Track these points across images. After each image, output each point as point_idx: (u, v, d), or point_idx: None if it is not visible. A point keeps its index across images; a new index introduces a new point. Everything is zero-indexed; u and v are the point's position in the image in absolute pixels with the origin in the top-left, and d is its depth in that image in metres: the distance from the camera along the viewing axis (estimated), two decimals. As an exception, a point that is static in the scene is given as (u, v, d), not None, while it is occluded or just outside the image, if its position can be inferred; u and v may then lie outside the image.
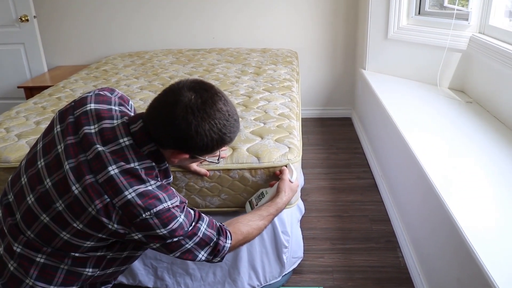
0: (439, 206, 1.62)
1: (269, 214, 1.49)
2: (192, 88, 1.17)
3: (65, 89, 2.83)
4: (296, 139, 1.88)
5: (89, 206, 1.14)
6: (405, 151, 2.10)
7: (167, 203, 1.17)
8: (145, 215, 1.14)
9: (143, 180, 1.17)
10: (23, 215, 1.21)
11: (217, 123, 1.17)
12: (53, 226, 1.18)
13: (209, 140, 1.18)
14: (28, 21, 3.88)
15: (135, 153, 1.19)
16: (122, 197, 1.13)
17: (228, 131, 1.20)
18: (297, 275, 2.10)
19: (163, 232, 1.17)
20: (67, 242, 1.18)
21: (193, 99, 1.14)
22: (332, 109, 4.20)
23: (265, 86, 2.64)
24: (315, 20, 3.87)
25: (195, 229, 1.25)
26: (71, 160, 1.18)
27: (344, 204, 2.68)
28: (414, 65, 3.04)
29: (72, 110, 1.29)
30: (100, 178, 1.14)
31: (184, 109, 1.13)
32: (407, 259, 2.13)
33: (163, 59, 3.54)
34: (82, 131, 1.21)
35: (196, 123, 1.14)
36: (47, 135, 1.29)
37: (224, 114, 1.18)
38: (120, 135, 1.20)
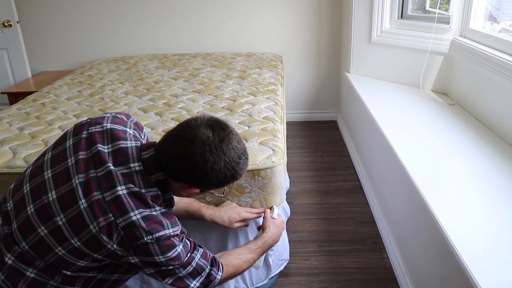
0: (422, 207, 1.64)
1: (257, 248, 1.55)
2: (210, 126, 1.19)
3: (49, 94, 2.81)
4: (280, 142, 1.89)
5: (91, 224, 1.13)
6: (389, 154, 2.12)
7: (169, 230, 1.18)
8: (146, 239, 1.14)
9: (149, 205, 1.18)
10: (20, 225, 1.19)
11: (231, 161, 1.19)
12: (50, 240, 1.16)
13: (223, 177, 1.20)
14: (11, 26, 3.84)
15: (143, 179, 1.20)
16: (127, 217, 1.13)
17: (240, 169, 1.23)
18: (284, 278, 2.10)
19: (160, 259, 1.18)
20: (61, 258, 1.17)
21: (211, 136, 1.17)
22: (318, 112, 4.22)
23: (250, 90, 2.66)
24: (300, 24, 3.90)
25: (190, 259, 1.26)
26: (81, 175, 1.18)
27: (330, 206, 2.69)
28: (398, 68, 3.07)
29: (88, 126, 1.29)
30: (108, 196, 1.15)
31: (202, 146, 1.15)
32: (392, 260, 2.15)
33: (148, 64, 3.54)
34: (95, 148, 1.22)
35: (213, 160, 1.16)
36: (57, 147, 1.29)
37: (238, 152, 1.21)
38: (132, 159, 1.21)
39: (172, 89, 2.76)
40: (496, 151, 1.95)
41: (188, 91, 2.69)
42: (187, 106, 2.39)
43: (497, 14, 2.47)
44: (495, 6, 2.49)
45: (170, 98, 2.57)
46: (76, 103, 2.58)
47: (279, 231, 1.69)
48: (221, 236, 1.85)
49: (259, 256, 1.57)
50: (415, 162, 1.90)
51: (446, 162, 1.91)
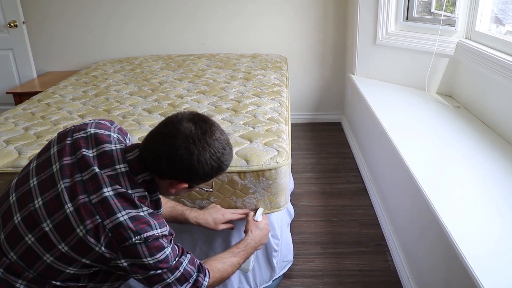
0: (427, 210, 1.63)
1: (239, 250, 1.56)
2: (191, 120, 1.21)
3: (54, 94, 2.82)
4: (285, 143, 1.88)
5: (77, 227, 1.13)
6: (394, 156, 2.11)
7: (157, 230, 1.18)
8: (134, 239, 1.13)
9: (136, 205, 1.18)
10: (7, 235, 1.19)
11: (216, 152, 1.21)
12: (37, 248, 1.15)
13: (209, 169, 1.21)
14: (17, 27, 3.87)
15: (129, 180, 1.21)
16: (114, 218, 1.13)
17: (225, 159, 1.25)
18: (288, 279, 2.10)
19: (149, 261, 1.17)
20: (50, 266, 1.16)
21: (193, 129, 1.19)
22: (322, 114, 4.22)
23: (255, 91, 2.66)
24: (305, 26, 3.90)
25: (178, 263, 1.26)
26: (67, 180, 1.18)
27: (334, 208, 2.69)
28: (403, 70, 3.06)
29: (71, 133, 1.30)
30: (94, 198, 1.15)
31: (186, 140, 1.17)
32: (397, 263, 2.14)
33: (153, 64, 3.54)
34: (80, 153, 1.22)
35: (198, 152, 1.18)
36: (41, 156, 1.29)
37: (221, 143, 1.23)
38: (117, 161, 1.22)
39: (176, 90, 2.77)
40: (501, 153, 1.94)
41: (192, 92, 2.70)
42: (192, 107, 2.40)
43: (503, 16, 2.46)
44: (501, 8, 2.48)
45: (175, 99, 2.58)
46: (81, 104, 2.58)
47: (262, 233, 1.68)
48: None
49: (243, 259, 1.57)
50: (420, 165, 1.89)
51: (451, 165, 1.90)
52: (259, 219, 1.71)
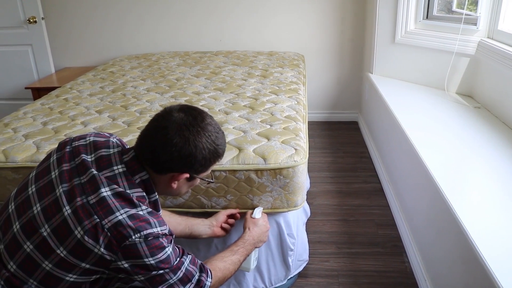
0: (446, 211, 1.60)
1: (238, 248, 1.56)
2: (180, 110, 1.23)
3: (72, 90, 2.83)
4: (303, 141, 1.87)
5: (75, 229, 1.12)
6: (412, 156, 2.09)
7: (157, 228, 1.17)
8: (134, 237, 1.12)
9: (135, 204, 1.17)
10: (7, 245, 1.18)
11: (210, 135, 1.22)
12: (36, 255, 1.15)
13: (207, 153, 1.22)
14: (36, 23, 3.90)
15: (127, 180, 1.21)
16: (113, 218, 1.12)
17: (220, 143, 1.26)
18: (303, 279, 2.09)
19: (150, 261, 1.16)
20: (49, 274, 1.15)
21: (184, 117, 1.21)
22: (339, 112, 4.19)
23: (272, 88, 2.64)
24: (322, 24, 3.87)
25: (180, 263, 1.25)
26: (65, 184, 1.18)
27: (350, 208, 2.67)
28: (422, 69, 3.02)
29: (71, 142, 1.31)
30: (92, 199, 1.14)
31: (179, 127, 1.18)
32: (413, 264, 2.11)
33: (170, 61, 3.55)
34: (79, 158, 1.23)
35: (193, 137, 1.19)
36: (41, 165, 1.30)
37: (214, 127, 1.25)
38: (115, 163, 1.22)
39: (193, 87, 2.76)
40: (523, 155, 1.91)
41: (210, 89, 2.69)
42: (208, 104, 2.39)
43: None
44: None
45: (192, 95, 2.57)
46: (99, 99, 2.60)
47: (260, 230, 1.67)
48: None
49: (243, 256, 1.57)
50: (439, 165, 1.87)
51: (471, 166, 1.87)
52: (256, 217, 1.70)
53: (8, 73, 4.12)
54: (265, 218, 1.73)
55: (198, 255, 1.85)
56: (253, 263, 1.74)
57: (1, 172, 1.81)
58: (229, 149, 1.78)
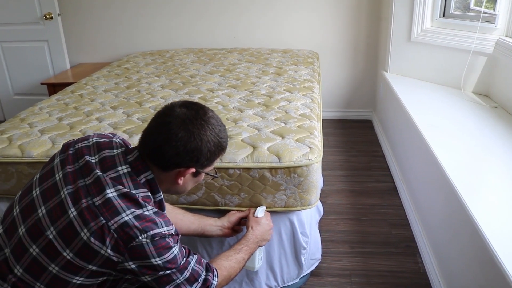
0: (461, 211, 1.59)
1: (242, 246, 1.56)
2: (182, 105, 1.23)
3: (87, 86, 2.85)
4: (317, 140, 1.86)
5: (81, 231, 1.11)
6: (427, 155, 2.07)
7: (163, 228, 1.16)
8: (141, 238, 1.12)
9: (141, 205, 1.17)
10: (13, 249, 1.18)
11: (214, 128, 1.23)
12: (42, 259, 1.14)
13: (212, 146, 1.22)
14: (52, 19, 3.93)
15: (132, 181, 1.20)
16: (119, 219, 1.12)
17: (223, 136, 1.27)
18: (315, 277, 2.08)
19: (157, 262, 1.16)
20: (56, 277, 1.15)
21: (186, 112, 1.21)
22: (353, 111, 4.16)
23: (286, 86, 2.63)
24: (337, 21, 3.85)
25: (186, 263, 1.25)
26: (70, 186, 1.18)
27: (363, 207, 2.65)
28: (438, 68, 2.99)
29: (74, 143, 1.31)
30: (98, 200, 1.14)
31: (182, 122, 1.18)
32: (427, 265, 2.09)
33: (184, 58, 3.56)
34: (83, 160, 1.22)
35: (197, 131, 1.19)
36: (45, 167, 1.29)
37: (216, 121, 1.25)
38: (119, 163, 1.22)
39: (208, 84, 2.77)
40: (542, 156, 1.88)
41: (224, 86, 2.69)
42: (223, 101, 2.39)
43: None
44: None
45: (206, 92, 2.58)
46: (113, 95, 2.61)
47: (263, 229, 1.67)
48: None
49: (247, 254, 1.56)
50: (454, 165, 1.84)
51: (487, 166, 1.85)
52: (259, 216, 1.70)
53: (25, 68, 4.17)
54: (268, 217, 1.73)
55: (211, 252, 1.86)
56: (258, 263, 1.73)
57: (17, 166, 1.83)
58: (243, 146, 1.78)
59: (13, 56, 4.14)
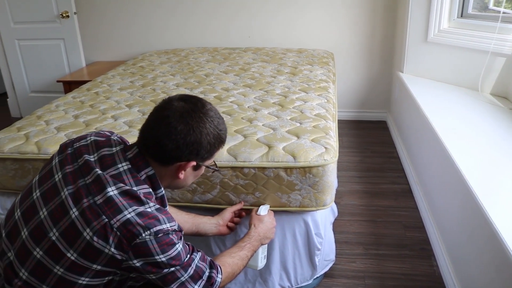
0: (478, 214, 1.57)
1: (245, 244, 1.56)
2: (180, 99, 1.23)
3: (102, 84, 2.87)
4: (333, 140, 1.85)
5: (84, 231, 1.11)
6: (444, 157, 2.04)
7: (166, 224, 1.16)
8: (144, 235, 1.11)
9: (143, 202, 1.16)
10: (17, 252, 1.18)
11: (213, 121, 1.23)
12: (47, 261, 1.14)
13: (211, 138, 1.22)
14: (68, 17, 3.96)
15: (133, 177, 1.20)
16: (121, 217, 1.11)
17: (222, 128, 1.27)
18: (329, 279, 2.07)
19: (161, 259, 1.15)
20: (61, 278, 1.14)
21: (185, 105, 1.21)
22: (367, 111, 4.14)
23: (301, 86, 2.62)
24: (352, 21, 3.82)
25: (190, 260, 1.24)
26: (70, 186, 1.17)
27: (378, 209, 2.63)
28: (455, 69, 2.96)
29: (72, 143, 1.30)
30: (99, 199, 1.13)
31: (181, 115, 1.18)
32: (442, 268, 2.07)
33: (199, 57, 3.56)
34: (82, 159, 1.22)
35: (196, 124, 1.19)
36: (44, 169, 1.29)
37: (215, 113, 1.25)
38: (119, 160, 1.22)
39: (223, 83, 2.77)
40: (562, 160, 1.84)
41: (239, 85, 2.69)
42: (238, 100, 2.39)
43: None
44: None
45: (221, 91, 2.57)
46: (129, 94, 2.62)
47: (265, 227, 1.66)
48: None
49: (251, 252, 1.56)
50: (472, 167, 1.82)
51: (505, 169, 1.82)
52: (262, 214, 1.70)
53: (41, 66, 4.21)
54: (271, 215, 1.73)
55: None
56: (261, 261, 1.73)
57: (34, 163, 1.85)
58: (259, 146, 1.77)
59: (30, 54, 4.19)
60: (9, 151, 1.88)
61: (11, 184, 1.90)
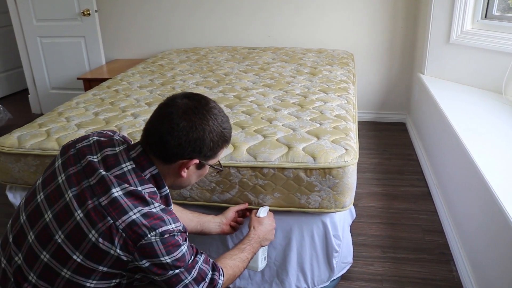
0: (501, 218, 1.54)
1: (245, 245, 1.56)
2: (184, 96, 1.23)
3: (122, 82, 2.89)
4: (353, 142, 1.83)
5: (89, 233, 1.11)
6: (465, 161, 2.01)
7: (171, 225, 1.16)
8: (150, 236, 1.11)
9: (148, 202, 1.16)
10: (25, 256, 1.19)
11: (216, 118, 1.22)
12: (54, 264, 1.15)
13: (214, 136, 1.22)
14: (89, 15, 4.00)
15: (137, 177, 1.20)
16: (126, 218, 1.11)
17: (226, 126, 1.26)
18: (346, 281, 2.05)
19: (166, 260, 1.15)
20: (70, 281, 1.15)
21: (188, 102, 1.21)
22: (386, 113, 4.10)
23: (321, 87, 2.60)
24: (372, 22, 3.79)
25: (194, 262, 1.24)
26: (74, 188, 1.18)
27: (396, 211, 2.60)
28: (478, 71, 2.91)
29: (74, 144, 1.30)
30: (104, 200, 1.13)
31: (184, 113, 1.18)
32: (462, 274, 2.04)
33: (218, 56, 3.56)
34: (85, 160, 1.22)
35: (200, 121, 1.19)
36: (47, 171, 1.30)
37: (219, 111, 1.25)
38: (123, 160, 1.22)
39: (242, 82, 2.76)
40: None
41: (258, 85, 2.68)
42: (257, 100, 2.38)
43: None
44: None
45: (241, 91, 2.57)
46: (148, 92, 2.63)
47: (265, 229, 1.65)
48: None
49: (251, 254, 1.56)
50: (494, 171, 1.79)
51: (530, 174, 1.78)
52: (261, 216, 1.69)
53: (62, 63, 4.26)
54: (271, 217, 1.72)
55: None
56: (261, 263, 1.72)
57: (55, 159, 1.86)
58: (278, 146, 1.77)
59: (51, 51, 4.24)
60: (31, 147, 1.90)
61: (32, 179, 1.93)
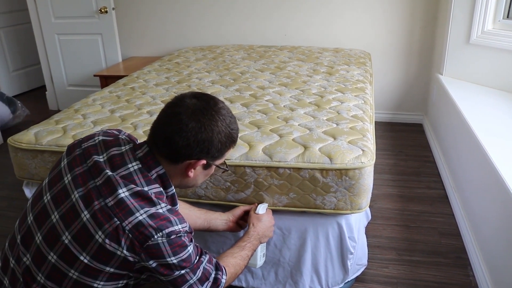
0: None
1: (245, 243, 1.56)
2: (193, 96, 1.22)
3: (138, 79, 2.89)
4: (370, 142, 1.81)
5: (96, 233, 1.11)
6: (484, 164, 1.97)
7: (178, 226, 1.15)
8: (156, 236, 1.11)
9: (154, 203, 1.16)
10: (33, 257, 1.19)
11: (225, 119, 1.22)
12: (61, 265, 1.15)
13: (222, 137, 1.21)
14: (106, 13, 4.02)
15: (144, 177, 1.19)
16: (133, 219, 1.11)
17: (234, 127, 1.25)
18: (360, 283, 2.03)
19: (173, 261, 1.15)
20: (77, 282, 1.15)
21: (197, 103, 1.20)
22: (403, 114, 4.05)
23: (338, 86, 2.58)
24: (390, 21, 3.75)
25: (199, 263, 1.24)
26: (80, 189, 1.17)
27: (412, 214, 2.57)
28: (499, 72, 2.86)
29: (80, 143, 1.30)
30: (110, 201, 1.13)
31: (193, 113, 1.18)
32: (479, 278, 2.00)
33: (235, 54, 3.55)
34: (91, 160, 1.22)
35: (208, 122, 1.18)
36: (53, 171, 1.29)
37: (227, 111, 1.25)
38: (129, 160, 1.21)
39: (258, 81, 2.75)
40: None
41: (274, 84, 2.66)
42: (273, 99, 2.36)
43: None
44: None
45: (257, 90, 2.56)
46: (164, 89, 2.63)
47: (264, 226, 1.65)
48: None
49: (251, 251, 1.56)
50: (516, 175, 1.75)
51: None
52: (260, 212, 1.68)
53: (79, 60, 4.29)
54: (269, 214, 1.71)
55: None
56: (260, 260, 1.72)
57: (71, 156, 1.87)
58: (294, 146, 1.75)
59: (68, 48, 4.28)
60: (47, 144, 1.91)
61: (48, 175, 1.94)
